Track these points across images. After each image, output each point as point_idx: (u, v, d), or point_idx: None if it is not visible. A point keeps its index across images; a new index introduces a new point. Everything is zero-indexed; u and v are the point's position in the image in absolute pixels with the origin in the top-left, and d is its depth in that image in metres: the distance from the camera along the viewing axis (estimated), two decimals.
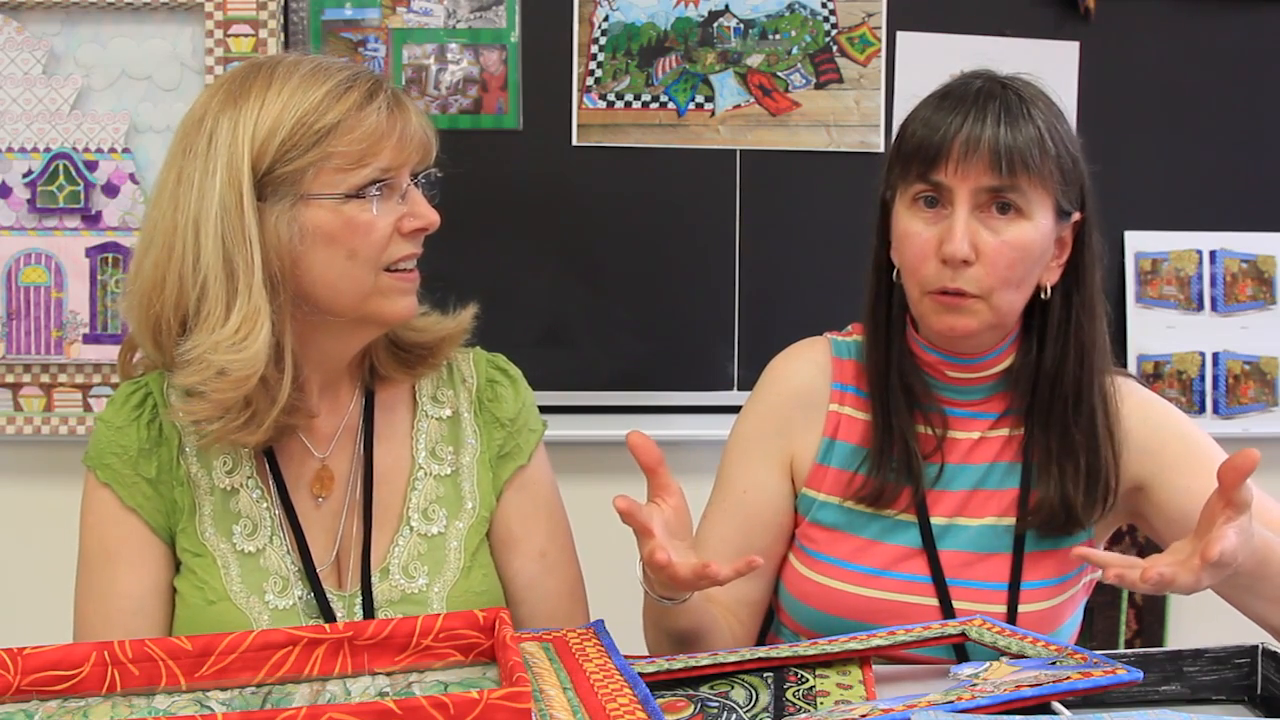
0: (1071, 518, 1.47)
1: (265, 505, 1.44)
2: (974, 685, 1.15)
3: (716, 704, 1.20)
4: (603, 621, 1.34)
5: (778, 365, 1.61)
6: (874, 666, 1.29)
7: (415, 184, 1.40)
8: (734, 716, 1.17)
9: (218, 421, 1.35)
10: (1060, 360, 1.47)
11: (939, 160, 1.40)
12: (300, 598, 1.41)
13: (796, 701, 1.20)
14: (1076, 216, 1.46)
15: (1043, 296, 1.47)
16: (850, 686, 1.23)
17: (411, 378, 1.51)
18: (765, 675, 1.26)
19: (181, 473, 1.44)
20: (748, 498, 1.55)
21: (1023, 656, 1.24)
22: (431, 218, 1.40)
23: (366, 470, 1.47)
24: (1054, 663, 1.19)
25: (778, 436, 1.56)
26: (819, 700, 1.19)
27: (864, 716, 1.08)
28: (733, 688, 1.24)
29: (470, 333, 1.53)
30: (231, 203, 1.32)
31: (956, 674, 1.20)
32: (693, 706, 1.20)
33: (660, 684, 1.24)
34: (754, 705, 1.20)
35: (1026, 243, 1.41)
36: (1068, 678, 1.13)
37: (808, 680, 1.24)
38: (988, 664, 1.20)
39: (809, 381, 1.57)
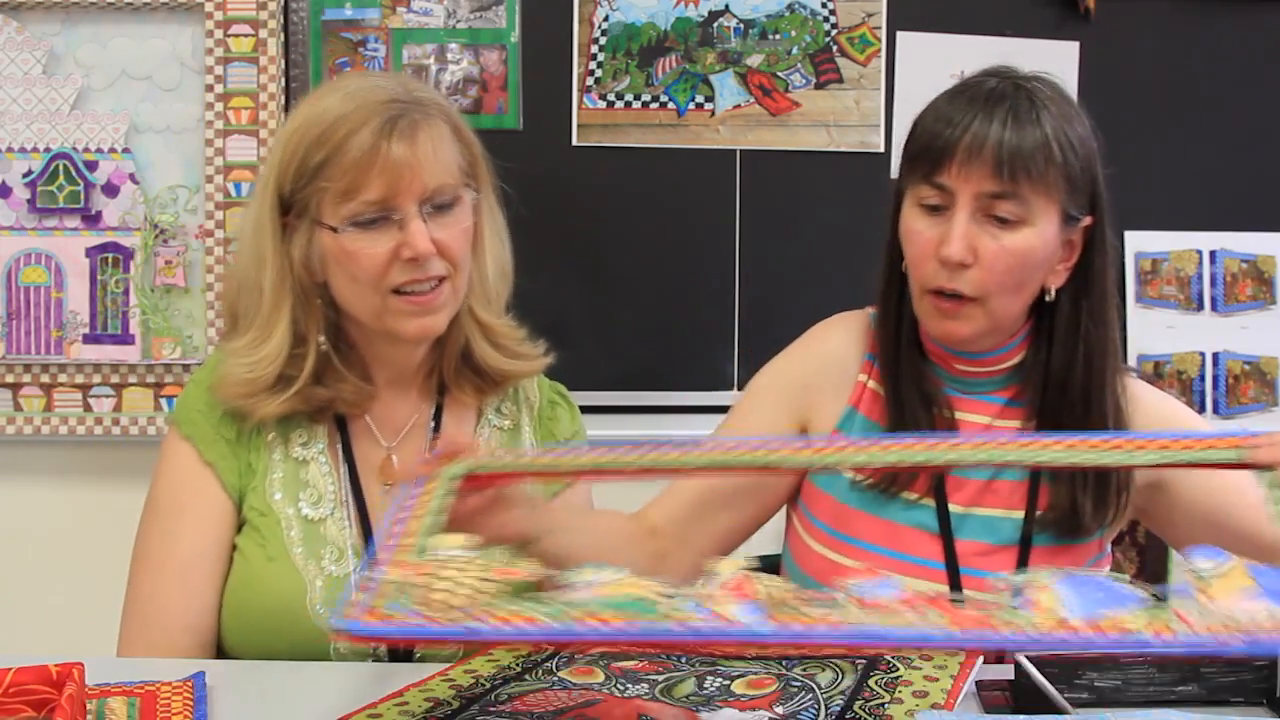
0: (1080, 524, 1.46)
1: (332, 481, 1.49)
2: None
3: (799, 683, 1.19)
4: (204, 674, 1.25)
5: (816, 330, 1.61)
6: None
7: (424, 211, 1.42)
8: (810, 696, 1.17)
9: (249, 399, 1.46)
10: (1068, 364, 1.46)
11: (943, 161, 1.40)
12: (355, 570, 1.45)
13: (876, 689, 1.18)
14: (1087, 221, 1.45)
15: (1047, 299, 1.46)
16: (936, 679, 1.19)
17: (479, 398, 1.57)
18: (857, 661, 1.25)
19: (259, 440, 1.50)
20: (746, 434, 1.52)
21: None
22: (419, 247, 1.41)
23: None
24: None
25: (797, 392, 1.56)
26: (898, 688, 1.18)
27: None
28: (822, 670, 1.23)
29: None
30: (265, 221, 1.46)
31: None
32: (778, 683, 1.19)
33: (748, 659, 1.24)
34: (835, 688, 1.19)
35: (1026, 249, 1.40)
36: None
37: (898, 669, 1.23)
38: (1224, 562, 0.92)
39: (841, 349, 1.57)
